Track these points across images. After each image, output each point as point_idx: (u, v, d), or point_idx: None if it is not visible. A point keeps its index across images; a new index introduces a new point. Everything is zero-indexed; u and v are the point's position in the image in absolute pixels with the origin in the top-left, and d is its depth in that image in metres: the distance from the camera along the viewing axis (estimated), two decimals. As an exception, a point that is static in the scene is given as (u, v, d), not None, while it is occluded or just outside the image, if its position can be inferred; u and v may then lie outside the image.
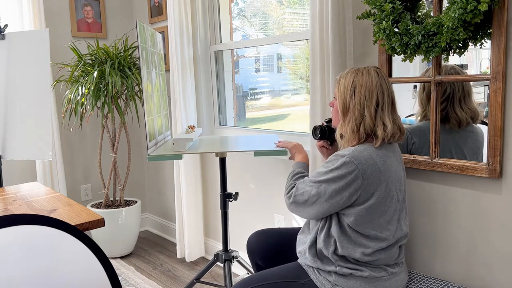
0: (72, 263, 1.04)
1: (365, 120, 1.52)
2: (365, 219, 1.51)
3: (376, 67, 1.59)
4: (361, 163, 1.47)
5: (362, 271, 1.53)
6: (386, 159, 1.52)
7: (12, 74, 2.66)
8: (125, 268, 3.08)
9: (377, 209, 1.51)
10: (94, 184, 3.58)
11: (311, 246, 1.60)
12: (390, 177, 1.52)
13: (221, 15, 2.99)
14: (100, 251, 1.08)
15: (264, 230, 2.01)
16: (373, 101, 1.52)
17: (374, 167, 1.48)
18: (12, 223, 0.97)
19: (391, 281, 1.56)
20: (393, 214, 1.54)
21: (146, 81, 2.12)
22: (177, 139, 2.06)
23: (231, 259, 2.30)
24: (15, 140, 2.65)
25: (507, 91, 1.58)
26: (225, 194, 2.24)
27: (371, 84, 1.53)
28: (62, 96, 3.28)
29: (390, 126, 1.51)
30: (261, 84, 3.22)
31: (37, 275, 0.99)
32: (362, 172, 1.46)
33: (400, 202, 1.58)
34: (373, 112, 1.52)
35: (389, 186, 1.52)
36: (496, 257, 1.69)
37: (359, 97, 1.53)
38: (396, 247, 1.59)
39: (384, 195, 1.51)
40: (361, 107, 1.53)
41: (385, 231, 1.53)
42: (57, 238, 1.03)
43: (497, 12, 1.54)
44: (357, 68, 1.59)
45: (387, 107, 1.54)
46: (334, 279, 1.54)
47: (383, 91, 1.53)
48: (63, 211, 1.58)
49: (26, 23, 3.03)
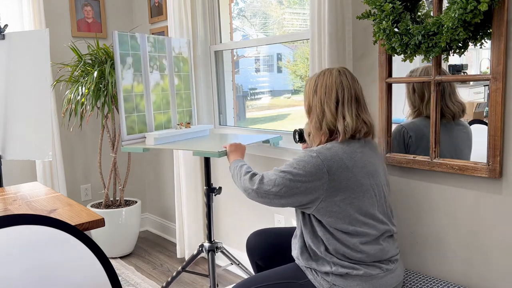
0: (72, 263, 1.04)
1: (326, 117, 1.60)
2: (340, 214, 1.52)
3: (342, 67, 1.66)
4: (327, 159, 1.51)
5: (357, 269, 1.53)
6: (354, 155, 1.55)
7: (12, 74, 2.66)
8: (125, 268, 3.08)
9: (350, 204, 1.52)
10: (94, 184, 3.58)
11: (303, 251, 1.62)
12: (360, 172, 1.54)
13: (221, 15, 2.99)
14: (100, 251, 1.08)
15: (263, 230, 2.02)
16: (333, 97, 1.59)
17: (340, 163, 1.52)
18: (12, 223, 0.97)
19: (387, 278, 1.57)
20: (368, 208, 1.55)
21: (131, 82, 2.41)
22: (148, 134, 2.39)
23: (214, 250, 2.43)
24: (15, 140, 2.65)
25: (507, 91, 1.58)
26: (210, 188, 2.41)
27: (330, 82, 1.61)
28: (62, 96, 3.28)
29: (351, 121, 1.57)
30: (261, 84, 3.22)
31: (37, 275, 0.99)
32: (327, 168, 1.50)
33: (378, 196, 1.59)
34: (333, 108, 1.59)
35: (360, 181, 1.54)
36: (496, 257, 1.69)
37: (320, 95, 1.61)
38: (386, 242, 1.59)
39: (356, 190, 1.53)
40: (322, 105, 1.60)
41: (363, 226, 1.54)
42: (57, 238, 1.03)
43: (497, 12, 1.54)
44: (323, 70, 1.67)
45: (348, 103, 1.59)
46: (331, 279, 1.54)
47: (344, 88, 1.60)
48: (63, 211, 1.58)
49: (26, 23, 3.03)
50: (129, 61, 2.38)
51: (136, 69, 2.42)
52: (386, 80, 1.91)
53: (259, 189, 1.59)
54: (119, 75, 2.34)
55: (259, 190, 1.59)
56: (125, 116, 2.36)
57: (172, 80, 2.66)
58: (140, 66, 2.45)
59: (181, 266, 2.54)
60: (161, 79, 2.57)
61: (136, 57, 2.43)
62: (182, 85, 2.73)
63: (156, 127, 2.53)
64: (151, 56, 2.51)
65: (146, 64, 2.48)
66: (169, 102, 2.62)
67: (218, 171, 3.00)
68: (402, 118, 1.96)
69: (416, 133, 1.89)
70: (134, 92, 2.41)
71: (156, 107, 2.53)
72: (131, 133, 2.39)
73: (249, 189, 1.62)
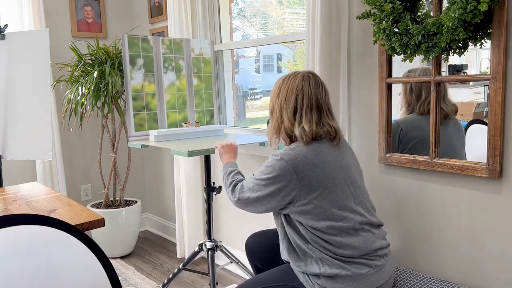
0: (72, 263, 1.04)
1: (285, 123, 1.62)
2: (316, 211, 1.53)
3: (308, 72, 1.66)
4: (291, 159, 1.54)
5: (346, 269, 1.53)
6: (319, 151, 1.57)
7: (12, 74, 2.66)
8: (125, 268, 3.08)
9: (325, 199, 1.53)
10: (94, 184, 3.58)
11: (290, 251, 1.63)
12: (329, 166, 1.56)
13: (221, 15, 2.99)
14: (100, 251, 1.08)
15: (261, 232, 2.03)
16: (291, 104, 1.61)
17: (305, 161, 1.54)
18: (12, 223, 0.97)
19: (377, 275, 1.57)
20: (344, 201, 1.56)
21: (141, 82, 2.54)
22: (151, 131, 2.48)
23: (214, 248, 2.44)
24: (15, 140, 2.65)
25: (507, 91, 1.58)
26: (210, 187, 2.41)
27: (291, 88, 1.62)
28: (62, 96, 3.28)
29: (309, 128, 1.58)
30: (261, 84, 3.22)
31: (37, 275, 0.99)
32: (293, 167, 1.53)
33: (352, 189, 1.60)
34: (290, 116, 1.61)
35: (331, 175, 1.55)
36: (496, 257, 1.69)
37: (280, 100, 1.63)
38: (368, 233, 1.58)
39: (327, 185, 1.54)
40: (281, 110, 1.63)
41: (341, 220, 1.54)
42: (57, 238, 1.03)
43: (497, 12, 1.54)
44: (291, 73, 1.68)
45: (307, 110, 1.60)
46: (322, 281, 1.55)
47: (303, 95, 1.60)
48: (63, 211, 1.58)
49: (26, 23, 3.03)
50: (139, 62, 2.52)
51: (147, 70, 2.55)
52: (386, 80, 1.91)
53: (240, 199, 1.65)
54: (128, 75, 2.46)
55: (240, 199, 1.65)
56: (134, 113, 2.49)
57: (190, 80, 2.72)
58: (152, 67, 2.57)
59: (181, 264, 2.55)
60: (176, 79, 2.67)
61: (148, 58, 2.55)
62: (202, 85, 2.78)
63: (169, 125, 2.64)
64: (165, 58, 2.62)
65: (160, 65, 2.60)
66: (186, 102, 2.70)
67: (218, 170, 3.00)
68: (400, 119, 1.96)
69: (407, 125, 1.93)
70: (144, 92, 2.54)
71: (170, 106, 2.63)
72: (140, 130, 2.52)
73: (233, 200, 1.69)
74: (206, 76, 2.79)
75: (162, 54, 2.60)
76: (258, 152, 2.65)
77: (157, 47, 2.58)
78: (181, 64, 2.68)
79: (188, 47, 2.70)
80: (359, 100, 2.06)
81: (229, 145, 2.03)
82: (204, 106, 2.78)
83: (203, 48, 2.77)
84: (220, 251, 2.51)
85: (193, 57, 2.72)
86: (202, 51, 2.77)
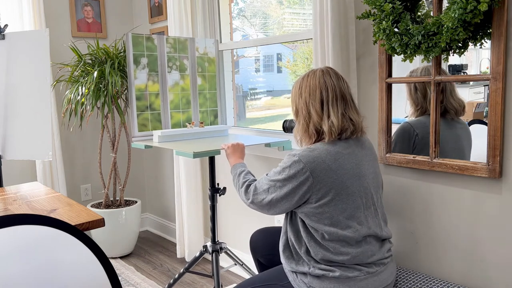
0: (72, 263, 1.04)
1: (313, 118, 1.59)
2: (324, 215, 1.52)
3: (326, 67, 1.65)
4: (309, 162, 1.51)
5: (333, 271, 1.52)
6: (338, 157, 1.54)
7: (12, 74, 2.66)
8: (125, 268, 3.08)
9: (335, 206, 1.52)
10: (94, 184, 3.58)
11: (285, 248, 1.63)
12: (345, 174, 1.53)
13: (221, 15, 2.99)
14: (100, 251, 1.08)
15: (266, 228, 2.03)
16: (317, 98, 1.59)
17: (323, 165, 1.51)
18: (12, 223, 0.97)
19: (367, 281, 1.54)
20: (354, 211, 1.55)
21: (145, 82, 2.50)
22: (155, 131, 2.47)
23: (218, 250, 2.42)
24: (15, 140, 2.65)
25: (507, 91, 1.58)
26: (214, 188, 2.38)
27: (314, 83, 1.60)
28: (62, 96, 3.28)
29: (336, 120, 1.56)
30: (261, 84, 3.22)
31: (37, 275, 0.99)
32: (311, 170, 1.50)
33: (364, 199, 1.58)
34: (318, 109, 1.58)
35: (346, 183, 1.53)
36: (496, 257, 1.69)
37: (305, 97, 1.61)
38: (370, 245, 1.57)
39: (341, 192, 1.52)
40: (307, 106, 1.60)
41: (346, 229, 1.53)
42: (57, 238, 1.03)
43: (497, 12, 1.54)
44: (307, 72, 1.67)
45: (333, 102, 1.58)
46: (308, 280, 1.55)
47: (327, 87, 1.59)
48: (63, 211, 1.58)
49: (26, 23, 3.03)
50: (143, 62, 2.49)
51: (151, 69, 2.53)
52: (386, 80, 1.91)
53: (254, 201, 1.63)
54: (131, 75, 2.44)
55: (254, 201, 1.63)
56: (137, 113, 2.47)
57: (194, 80, 2.71)
58: (156, 66, 2.54)
59: (184, 267, 2.52)
60: (181, 79, 2.65)
61: (152, 57, 2.52)
62: (206, 85, 2.77)
63: (173, 125, 2.61)
64: (170, 57, 2.59)
65: (164, 64, 2.57)
66: (190, 102, 2.69)
67: (221, 171, 2.99)
68: (402, 118, 1.96)
69: (423, 129, 1.87)
70: (148, 91, 2.52)
71: (173, 106, 2.62)
72: (143, 130, 2.50)
73: (246, 202, 1.67)
74: (210, 76, 2.78)
75: (166, 53, 2.58)
76: (263, 153, 2.64)
77: (161, 46, 2.55)
78: (186, 63, 2.66)
79: (192, 46, 2.69)
80: (359, 100, 2.06)
81: (236, 145, 2.00)
82: (208, 106, 2.77)
83: (208, 47, 2.76)
84: (225, 253, 2.48)
85: (197, 56, 2.71)
86: (206, 50, 2.76)
